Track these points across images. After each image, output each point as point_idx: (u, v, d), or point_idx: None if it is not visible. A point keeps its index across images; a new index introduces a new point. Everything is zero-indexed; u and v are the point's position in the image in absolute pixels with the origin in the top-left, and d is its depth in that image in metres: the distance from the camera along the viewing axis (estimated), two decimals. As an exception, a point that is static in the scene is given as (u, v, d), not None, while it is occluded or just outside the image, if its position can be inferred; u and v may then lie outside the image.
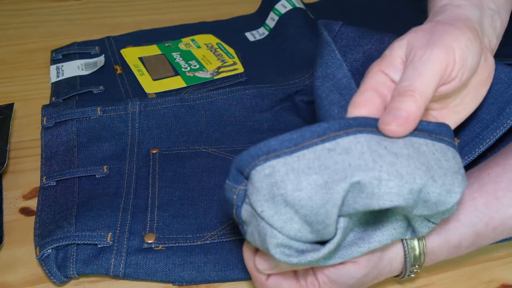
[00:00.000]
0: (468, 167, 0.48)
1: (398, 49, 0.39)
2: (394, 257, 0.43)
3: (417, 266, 0.44)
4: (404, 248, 0.43)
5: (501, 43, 0.51)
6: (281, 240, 0.37)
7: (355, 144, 0.36)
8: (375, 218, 0.41)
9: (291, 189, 0.35)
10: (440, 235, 0.44)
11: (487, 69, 0.41)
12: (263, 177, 0.36)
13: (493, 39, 0.43)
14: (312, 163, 0.36)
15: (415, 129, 0.38)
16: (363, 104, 0.38)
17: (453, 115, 0.42)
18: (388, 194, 0.35)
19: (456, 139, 0.42)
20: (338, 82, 0.44)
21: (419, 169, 0.36)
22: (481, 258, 0.53)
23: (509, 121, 0.45)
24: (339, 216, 0.37)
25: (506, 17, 0.45)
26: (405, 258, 0.43)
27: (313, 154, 0.36)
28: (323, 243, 0.38)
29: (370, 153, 0.36)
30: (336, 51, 0.46)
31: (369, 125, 0.37)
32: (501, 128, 0.46)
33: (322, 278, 0.42)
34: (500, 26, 0.44)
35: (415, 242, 0.43)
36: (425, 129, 0.39)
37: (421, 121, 0.38)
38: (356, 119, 0.37)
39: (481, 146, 0.46)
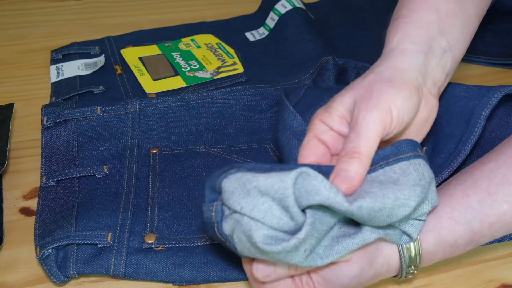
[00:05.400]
0: (461, 168, 0.49)
1: (339, 105, 0.44)
2: (391, 256, 0.43)
3: (413, 267, 0.44)
4: (398, 248, 0.43)
5: (496, 43, 0.52)
6: (266, 230, 0.38)
7: None
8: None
9: (263, 178, 0.38)
10: (435, 235, 0.44)
11: (428, 110, 0.47)
12: (234, 180, 0.39)
13: (441, 78, 0.48)
14: None
15: (370, 165, 0.41)
16: (310, 154, 0.44)
17: None
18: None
19: (424, 148, 0.45)
20: (295, 130, 0.51)
21: (376, 195, 0.39)
22: (481, 258, 0.53)
23: (476, 129, 0.49)
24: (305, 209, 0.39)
25: (463, 49, 0.50)
26: (400, 259, 0.43)
27: None
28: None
29: None
30: (290, 106, 0.52)
31: (328, 174, 0.41)
32: (472, 138, 0.49)
33: (316, 278, 0.42)
34: (451, 62, 0.48)
35: (410, 243, 0.43)
36: (382, 156, 0.42)
37: (377, 152, 0.42)
38: (319, 168, 0.41)
39: (458, 157, 0.49)
